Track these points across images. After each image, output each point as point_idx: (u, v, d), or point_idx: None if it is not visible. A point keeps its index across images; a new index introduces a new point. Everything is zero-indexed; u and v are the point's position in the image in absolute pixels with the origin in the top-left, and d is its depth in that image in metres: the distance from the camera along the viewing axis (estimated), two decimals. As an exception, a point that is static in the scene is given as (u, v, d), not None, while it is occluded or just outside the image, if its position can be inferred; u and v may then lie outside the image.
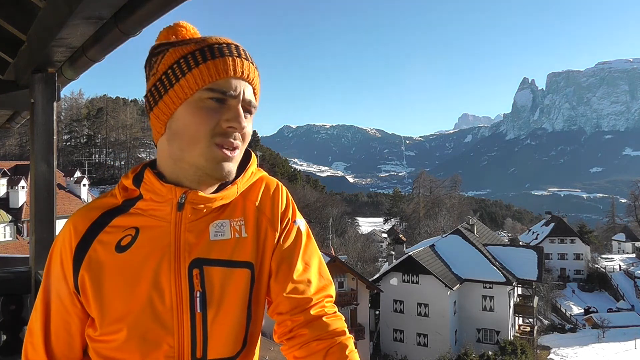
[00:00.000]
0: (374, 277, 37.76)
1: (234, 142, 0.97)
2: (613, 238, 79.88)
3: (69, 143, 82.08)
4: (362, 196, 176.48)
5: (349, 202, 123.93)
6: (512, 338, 33.22)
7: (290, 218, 1.11)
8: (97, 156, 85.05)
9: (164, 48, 0.97)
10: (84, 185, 36.91)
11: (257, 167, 1.11)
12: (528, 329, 37.62)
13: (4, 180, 32.78)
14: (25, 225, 30.38)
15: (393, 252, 38.98)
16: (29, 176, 4.15)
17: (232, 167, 0.99)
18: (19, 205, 32.00)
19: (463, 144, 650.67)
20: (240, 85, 0.96)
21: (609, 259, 67.72)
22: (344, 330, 1.07)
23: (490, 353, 28.84)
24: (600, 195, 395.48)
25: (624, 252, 72.64)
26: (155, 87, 0.97)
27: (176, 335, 0.96)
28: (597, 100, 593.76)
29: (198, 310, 0.96)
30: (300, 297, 1.07)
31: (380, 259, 59.04)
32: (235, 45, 0.97)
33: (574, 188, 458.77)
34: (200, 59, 0.93)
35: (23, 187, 32.12)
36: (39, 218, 2.77)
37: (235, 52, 0.96)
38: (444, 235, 43.96)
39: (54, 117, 2.79)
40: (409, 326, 34.12)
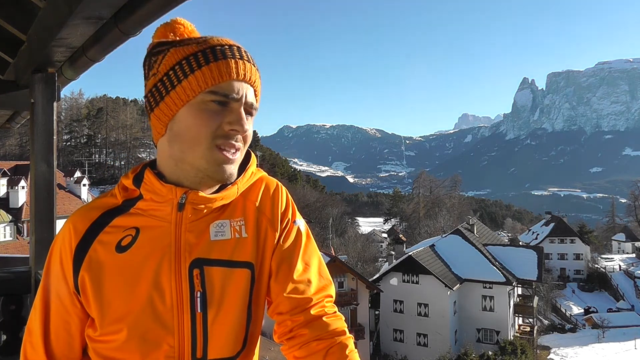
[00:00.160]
0: (374, 277, 37.71)
1: (236, 144, 0.97)
2: (613, 238, 79.84)
3: (69, 143, 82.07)
4: (362, 196, 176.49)
5: (349, 202, 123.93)
6: (512, 338, 33.19)
7: (290, 218, 1.11)
8: (97, 156, 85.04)
9: (164, 47, 0.96)
10: (84, 185, 36.89)
11: (257, 167, 1.11)
12: (528, 329, 37.58)
13: (4, 180, 32.77)
14: (25, 225, 30.39)
15: (393, 252, 38.94)
16: (29, 176, 4.16)
17: (234, 170, 0.99)
18: (19, 205, 32.01)
19: (463, 144, 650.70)
20: (242, 88, 0.96)
21: (609, 259, 67.67)
22: (344, 330, 1.07)
23: (490, 353, 28.82)
24: (600, 195, 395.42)
25: (624, 252, 72.60)
26: (157, 87, 0.96)
27: (176, 335, 0.96)
28: (597, 100, 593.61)
29: (198, 310, 0.97)
30: (300, 297, 1.07)
31: (380, 259, 58.98)
32: (237, 47, 0.97)
33: (574, 188, 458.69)
34: (202, 61, 0.93)
35: (23, 187, 32.12)
36: (39, 218, 2.77)
37: (238, 54, 0.96)
38: (444, 235, 43.91)
39: (54, 117, 2.79)
40: (409, 326, 34.10)
